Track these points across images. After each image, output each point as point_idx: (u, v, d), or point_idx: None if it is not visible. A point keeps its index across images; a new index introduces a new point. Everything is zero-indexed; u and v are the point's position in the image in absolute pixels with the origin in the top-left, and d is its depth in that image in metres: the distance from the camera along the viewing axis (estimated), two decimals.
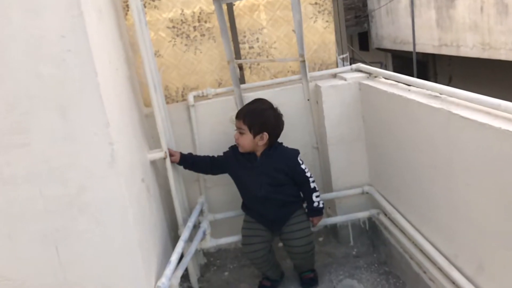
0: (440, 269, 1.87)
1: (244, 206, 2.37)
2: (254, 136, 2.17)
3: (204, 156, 2.40)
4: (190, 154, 2.36)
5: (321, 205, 2.28)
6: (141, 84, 2.34)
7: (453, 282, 1.78)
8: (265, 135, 2.17)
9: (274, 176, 2.20)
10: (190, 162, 2.32)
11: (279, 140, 2.29)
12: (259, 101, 2.27)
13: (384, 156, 2.35)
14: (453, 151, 1.65)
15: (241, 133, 2.17)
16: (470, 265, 1.69)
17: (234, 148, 2.30)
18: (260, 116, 2.18)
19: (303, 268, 2.41)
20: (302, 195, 2.31)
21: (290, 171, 2.22)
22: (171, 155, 2.20)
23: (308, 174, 2.25)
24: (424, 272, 2.04)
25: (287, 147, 2.28)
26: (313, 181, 2.26)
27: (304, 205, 2.34)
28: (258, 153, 2.22)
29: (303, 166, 2.25)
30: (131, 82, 2.09)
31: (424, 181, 1.93)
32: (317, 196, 2.27)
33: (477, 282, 1.65)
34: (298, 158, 2.25)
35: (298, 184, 2.26)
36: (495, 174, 1.43)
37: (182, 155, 2.29)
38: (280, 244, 2.70)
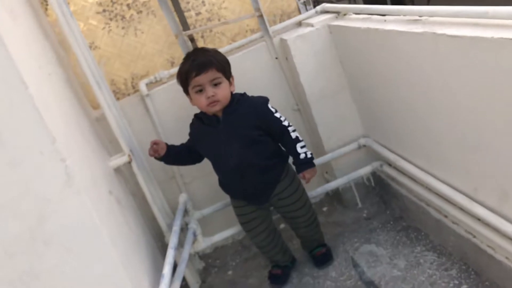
0: (461, 209, 1.89)
1: (221, 183, 2.26)
2: (230, 83, 2.08)
3: (181, 145, 2.28)
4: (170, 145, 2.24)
5: (309, 155, 2.13)
6: (82, 84, 2.29)
7: (478, 218, 1.79)
8: (233, 79, 2.11)
9: (244, 134, 2.06)
10: (174, 152, 2.20)
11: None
12: (202, 48, 2.22)
13: (374, 101, 2.34)
14: (447, 76, 1.64)
15: (217, 85, 2.01)
16: (492, 195, 1.70)
17: (197, 117, 2.18)
18: (223, 56, 2.10)
19: (312, 244, 2.41)
20: (284, 150, 2.21)
21: (262, 123, 2.08)
22: (155, 144, 2.13)
23: (285, 123, 2.11)
24: (445, 216, 2.07)
25: (252, 96, 2.15)
26: (294, 130, 2.13)
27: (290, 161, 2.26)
28: (220, 113, 2.08)
29: (277, 115, 2.11)
30: (70, 85, 2.04)
31: (423, 118, 1.93)
32: (302, 147, 2.13)
33: (503, 211, 1.67)
34: (269, 106, 2.12)
35: (276, 138, 2.14)
36: (498, 90, 1.42)
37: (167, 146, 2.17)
38: (282, 225, 2.72)
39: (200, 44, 2.69)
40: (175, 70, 2.55)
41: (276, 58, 2.60)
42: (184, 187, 2.67)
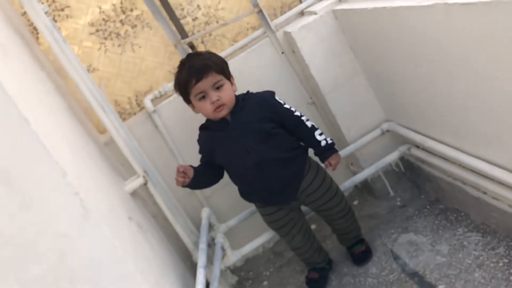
0: (500, 183, 1.86)
1: (243, 193, 2.22)
2: (231, 83, 2.05)
3: (199, 165, 2.19)
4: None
5: (329, 141, 2.10)
6: (86, 110, 2.29)
7: None
8: (233, 78, 2.08)
9: (257, 128, 2.03)
10: (200, 174, 2.10)
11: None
12: (196, 53, 2.15)
13: (392, 82, 2.31)
14: (464, 46, 1.61)
15: (219, 88, 1.98)
16: None
17: (203, 128, 2.15)
18: (219, 57, 2.07)
19: (350, 239, 2.38)
20: (303, 142, 2.16)
21: (273, 115, 2.05)
22: (183, 171, 2.01)
23: (297, 113, 2.08)
24: (485, 193, 2.04)
25: (256, 92, 2.13)
26: (308, 120, 2.10)
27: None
28: (227, 116, 2.04)
29: (286, 106, 2.09)
30: (73, 112, 2.04)
31: (446, 93, 1.90)
32: (320, 134, 2.10)
33: None
34: (276, 98, 2.11)
35: (291, 131, 2.10)
36: None
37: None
38: (313, 226, 2.70)
39: (201, 49, 2.68)
40: None
41: (283, 52, 2.58)
42: (205, 200, 2.66)
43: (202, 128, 2.16)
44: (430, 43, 1.79)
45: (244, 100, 2.07)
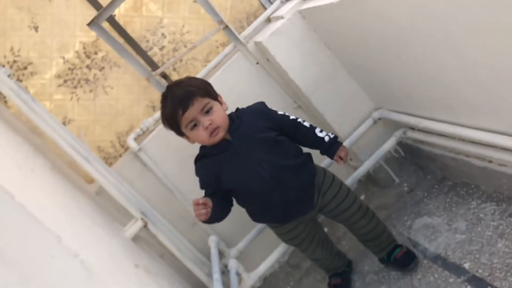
0: (504, 149, 1.85)
1: (255, 215, 2.13)
2: (221, 103, 1.99)
3: (210, 195, 2.02)
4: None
5: (332, 136, 2.06)
6: (70, 163, 2.26)
7: None
8: (220, 97, 2.01)
9: (262, 138, 1.96)
10: (219, 203, 1.95)
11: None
12: (175, 82, 2.04)
13: (375, 70, 2.30)
14: (442, 23, 1.59)
15: (209, 111, 1.90)
16: None
17: (202, 156, 2.03)
18: (200, 80, 2.03)
19: (385, 246, 2.20)
20: (306, 145, 2.10)
21: (271, 124, 2.00)
22: (203, 204, 1.85)
23: (293, 117, 2.05)
24: (490, 162, 2.03)
25: (247, 107, 2.09)
26: (304, 121, 2.07)
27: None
28: (226, 136, 1.96)
29: (280, 112, 2.06)
30: (57, 170, 2.00)
31: (431, 70, 1.88)
32: (321, 131, 2.07)
33: None
34: (269, 107, 2.07)
35: (293, 136, 2.04)
36: (499, 17, 1.38)
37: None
38: (326, 229, 2.66)
39: (175, 77, 2.68)
40: (158, 115, 2.55)
41: (257, 63, 2.58)
42: (210, 228, 2.64)
43: (199, 158, 2.04)
44: (404, 25, 1.78)
45: (239, 116, 2.02)
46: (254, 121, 2.00)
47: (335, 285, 2.33)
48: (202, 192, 2.04)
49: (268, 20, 2.66)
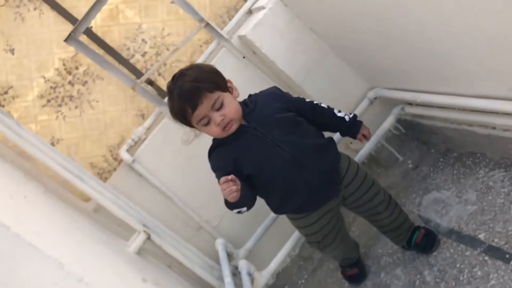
0: (506, 114, 1.85)
1: (279, 205, 2.01)
2: (231, 92, 1.87)
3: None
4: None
5: (351, 115, 2.01)
6: (64, 183, 2.25)
7: None
8: (230, 82, 1.91)
9: (280, 119, 1.89)
10: (247, 187, 1.84)
11: None
12: (181, 74, 1.88)
13: (364, 49, 2.30)
14: None
15: (220, 106, 1.80)
16: None
17: (216, 146, 1.94)
18: (207, 68, 1.89)
19: (405, 233, 2.15)
20: (327, 127, 2.03)
21: (289, 105, 1.94)
22: (232, 181, 1.72)
23: (309, 99, 2.00)
24: (493, 128, 2.03)
25: (260, 91, 2.02)
26: (321, 103, 2.01)
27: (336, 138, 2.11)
28: (241, 121, 1.87)
29: (295, 95, 2.02)
30: (52, 192, 1.99)
31: (422, 41, 1.87)
32: (339, 111, 2.01)
33: None
34: (281, 90, 2.02)
35: (310, 118, 1.96)
36: None
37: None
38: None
39: (161, 82, 2.67)
40: (149, 123, 2.56)
41: (244, 57, 2.56)
42: (215, 231, 2.64)
43: (214, 148, 1.95)
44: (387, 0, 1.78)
45: (252, 101, 1.94)
46: (269, 103, 1.93)
47: (352, 275, 2.31)
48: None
49: (250, 12, 2.65)
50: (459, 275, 1.89)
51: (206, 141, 2.52)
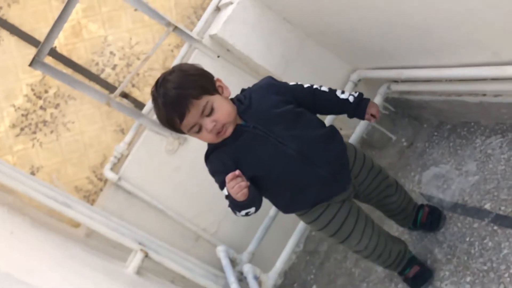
0: (494, 79, 1.86)
1: (289, 203, 1.91)
2: (221, 94, 1.77)
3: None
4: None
5: (355, 94, 1.90)
6: (50, 212, 2.23)
7: None
8: (219, 81, 1.80)
9: (279, 113, 1.80)
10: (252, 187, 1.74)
11: None
12: (164, 79, 1.75)
13: (340, 32, 2.30)
14: None
15: (211, 112, 1.71)
16: None
17: (212, 150, 1.83)
18: (193, 71, 1.77)
19: (411, 214, 2.11)
20: (331, 112, 2.00)
21: (286, 96, 1.84)
22: (239, 177, 1.65)
23: (307, 84, 1.89)
24: (484, 95, 2.03)
25: (254, 85, 1.92)
26: (321, 86, 1.91)
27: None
28: (238, 120, 1.79)
29: (292, 83, 1.91)
30: (39, 223, 1.98)
31: (399, 18, 1.87)
32: (342, 92, 1.90)
33: None
34: (276, 80, 1.92)
35: (312, 107, 1.88)
36: None
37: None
38: None
39: (136, 94, 2.66)
40: (130, 137, 2.55)
41: (218, 56, 2.56)
42: (215, 238, 2.64)
43: (211, 152, 1.84)
44: None
45: (246, 96, 1.84)
46: (265, 97, 1.84)
47: (416, 275, 2.04)
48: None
49: (218, 9, 2.63)
50: (470, 249, 1.90)
51: (192, 147, 2.54)
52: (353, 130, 2.59)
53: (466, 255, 1.89)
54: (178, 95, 1.67)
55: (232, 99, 1.82)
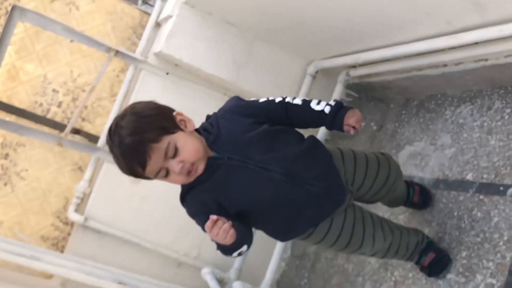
0: (452, 48, 1.88)
1: (286, 229, 1.81)
2: (183, 129, 1.64)
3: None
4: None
5: (332, 103, 1.74)
6: (20, 268, 2.20)
7: (475, 42, 1.79)
8: (180, 114, 1.66)
9: (253, 137, 1.70)
10: (238, 224, 1.62)
11: None
12: (116, 126, 1.62)
13: (288, 26, 2.31)
14: None
15: (175, 153, 1.59)
16: (467, 16, 1.70)
17: (186, 191, 1.73)
18: (148, 111, 1.63)
19: (403, 192, 2.08)
20: (307, 125, 1.83)
21: (257, 117, 1.74)
22: (220, 221, 1.53)
23: (279, 99, 1.77)
24: (445, 66, 2.05)
25: (219, 109, 1.79)
26: (294, 98, 1.78)
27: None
28: (209, 152, 1.68)
29: (262, 99, 1.78)
30: (8, 282, 1.95)
31: (344, 2, 1.88)
32: (318, 103, 1.75)
33: (487, 20, 1.68)
34: (245, 99, 1.81)
35: (286, 121, 1.77)
36: None
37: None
38: None
39: (88, 127, 2.64)
40: (89, 174, 2.51)
41: (167, 73, 2.55)
42: (198, 261, 2.62)
43: (186, 192, 1.74)
44: None
45: (213, 124, 1.72)
46: (235, 121, 1.72)
47: (432, 263, 1.99)
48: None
49: (158, 24, 2.64)
50: (460, 223, 1.91)
51: None
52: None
53: (457, 230, 1.91)
54: (135, 142, 1.55)
55: (197, 130, 1.70)
